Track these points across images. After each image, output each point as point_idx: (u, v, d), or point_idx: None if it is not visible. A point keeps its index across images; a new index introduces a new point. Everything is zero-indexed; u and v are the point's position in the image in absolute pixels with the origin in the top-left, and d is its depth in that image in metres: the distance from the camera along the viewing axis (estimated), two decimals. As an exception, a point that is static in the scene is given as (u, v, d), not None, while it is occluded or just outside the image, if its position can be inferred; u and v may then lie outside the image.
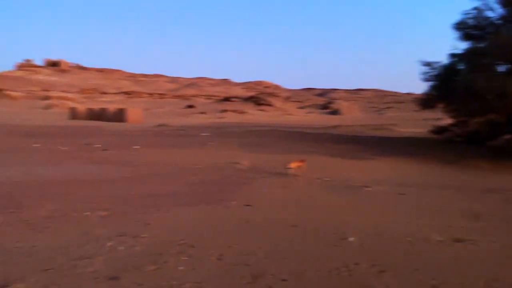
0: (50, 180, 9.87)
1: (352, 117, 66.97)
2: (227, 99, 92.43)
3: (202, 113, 69.55)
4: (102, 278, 4.29)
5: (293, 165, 11.18)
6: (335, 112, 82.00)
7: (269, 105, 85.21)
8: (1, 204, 7.21)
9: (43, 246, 5.20)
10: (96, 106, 62.52)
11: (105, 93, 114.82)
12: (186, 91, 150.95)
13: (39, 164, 12.30)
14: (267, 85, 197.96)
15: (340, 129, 31.90)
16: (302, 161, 11.40)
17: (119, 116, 43.62)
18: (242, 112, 71.24)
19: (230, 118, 58.90)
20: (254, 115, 68.00)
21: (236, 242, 5.57)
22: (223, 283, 4.28)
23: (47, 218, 6.52)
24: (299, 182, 10.47)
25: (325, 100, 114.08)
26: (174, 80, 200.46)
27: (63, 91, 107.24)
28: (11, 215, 6.54)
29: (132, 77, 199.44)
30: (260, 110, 79.02)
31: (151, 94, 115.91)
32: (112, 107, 49.80)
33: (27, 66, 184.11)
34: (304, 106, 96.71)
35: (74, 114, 48.35)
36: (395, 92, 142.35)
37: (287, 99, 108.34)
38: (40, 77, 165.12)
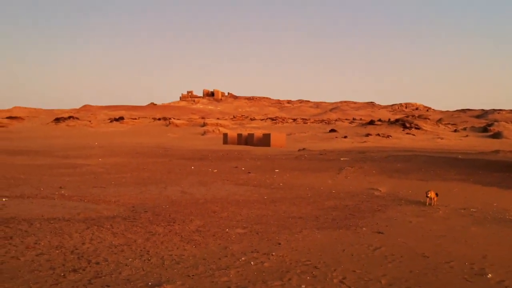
0: (200, 199, 11.19)
1: (517, 141, 58.57)
2: (371, 122, 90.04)
3: (344, 137, 69.14)
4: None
5: (432, 193, 10.53)
6: (496, 136, 72.89)
7: (418, 128, 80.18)
8: (160, 218, 8.53)
9: (189, 256, 6.05)
10: (245, 131, 67.46)
11: (253, 119, 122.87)
12: (329, 116, 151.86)
13: (192, 185, 13.99)
14: (417, 107, 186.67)
15: (501, 155, 28.33)
16: (434, 192, 10.68)
17: (264, 140, 46.26)
18: (387, 136, 68.57)
19: (373, 142, 57.21)
20: (400, 139, 64.72)
21: (361, 268, 5.61)
22: (341, 305, 4.41)
23: (194, 232, 7.50)
24: (438, 211, 9.79)
25: (485, 122, 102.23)
26: (317, 105, 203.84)
27: (217, 118, 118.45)
28: (166, 228, 7.72)
29: (278, 103, 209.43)
30: (408, 133, 74.85)
31: (295, 119, 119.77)
32: (258, 133, 53.11)
33: (189, 97, 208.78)
34: (458, 129, 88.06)
35: (226, 139, 52.99)
36: None
37: (439, 121, 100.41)
38: (199, 106, 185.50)
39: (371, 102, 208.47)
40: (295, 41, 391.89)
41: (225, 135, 55.40)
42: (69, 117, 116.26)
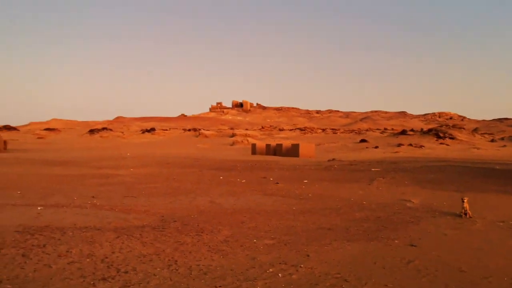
0: (229, 209, 11.17)
1: (560, 151, 55.89)
2: (403, 132, 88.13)
3: (375, 147, 67.91)
4: (260, 299, 4.77)
5: (467, 205, 10.11)
6: (537, 145, 69.78)
7: (452, 138, 77.83)
8: (189, 228, 8.55)
9: (216, 266, 6.01)
10: (273, 142, 67.36)
11: (282, 129, 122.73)
12: (359, 125, 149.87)
13: (221, 195, 14.01)
14: (451, 116, 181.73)
15: (541, 164, 27.07)
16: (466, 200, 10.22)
17: (293, 151, 46.00)
18: (419, 146, 66.87)
19: (406, 152, 55.87)
20: (433, 149, 62.99)
21: (393, 282, 5.42)
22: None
23: (223, 242, 7.46)
24: (475, 224, 9.38)
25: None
26: (347, 114, 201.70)
27: (246, 129, 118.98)
28: (195, 238, 7.72)
29: (307, 113, 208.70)
30: (441, 143, 72.76)
31: (324, 129, 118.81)
32: (287, 143, 52.92)
33: (218, 108, 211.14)
34: (495, 139, 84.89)
35: (254, 150, 53.06)
36: None
37: (474, 131, 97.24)
38: (228, 117, 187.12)
39: (403, 111, 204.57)
40: (324, 52, 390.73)
41: (254, 145, 55.48)
42: (103, 129, 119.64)
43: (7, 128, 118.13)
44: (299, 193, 14.60)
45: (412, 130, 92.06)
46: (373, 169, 23.68)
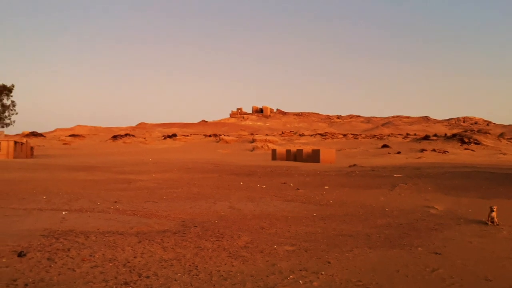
0: (248, 215, 11.17)
1: None
2: (426, 137, 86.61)
3: (397, 153, 66.93)
4: (280, 306, 4.74)
5: (495, 213, 9.84)
6: None
7: (478, 143, 76.04)
8: (209, 233, 8.58)
9: (236, 272, 6.01)
10: (293, 147, 67.18)
11: (302, 135, 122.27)
12: (381, 131, 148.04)
13: (241, 200, 14.03)
14: (476, 121, 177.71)
15: None
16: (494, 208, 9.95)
17: (313, 156, 45.75)
18: (443, 152, 65.56)
19: (429, 158, 54.87)
20: (457, 155, 61.66)
21: (416, 291, 5.31)
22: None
23: (243, 248, 7.46)
24: (502, 232, 9.11)
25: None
26: (368, 120, 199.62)
27: (266, 134, 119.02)
28: (215, 243, 7.74)
29: (328, 119, 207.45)
30: (466, 149, 71.16)
31: (345, 135, 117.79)
32: (307, 148, 52.67)
33: (238, 113, 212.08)
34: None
35: (275, 155, 52.99)
36: None
37: (500, 136, 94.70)
38: (248, 122, 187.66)
39: (426, 116, 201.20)
40: (345, 57, 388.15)
41: (274, 151, 55.43)
42: (126, 135, 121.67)
43: (34, 134, 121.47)
44: (319, 199, 14.49)
45: (435, 135, 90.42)
46: (395, 175, 23.31)
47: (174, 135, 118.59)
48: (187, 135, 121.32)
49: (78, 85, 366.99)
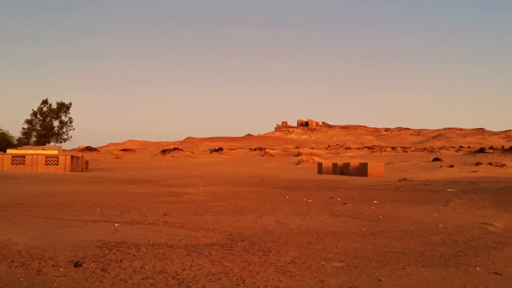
0: (295, 229, 11.05)
1: None
2: (481, 150, 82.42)
3: (450, 166, 64.10)
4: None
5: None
6: None
7: (538, 156, 71.34)
8: (256, 248, 8.57)
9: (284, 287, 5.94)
10: (340, 161, 66.08)
11: (349, 148, 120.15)
12: (432, 143, 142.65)
13: (287, 214, 13.93)
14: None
15: None
16: None
17: (361, 170, 44.76)
18: (500, 165, 62.04)
19: (485, 172, 52.09)
20: (516, 168, 58.07)
21: (476, 314, 4.99)
22: None
23: (290, 263, 7.37)
24: None
25: None
26: (418, 132, 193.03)
27: (312, 148, 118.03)
28: (262, 258, 7.71)
29: (375, 131, 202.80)
30: (526, 162, 66.94)
31: (394, 148, 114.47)
32: (354, 162, 51.63)
33: (283, 127, 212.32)
34: None
35: (321, 169, 52.36)
36: None
37: None
38: (294, 136, 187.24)
39: (481, 128, 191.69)
40: (392, 67, 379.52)
41: (320, 164, 54.82)
42: (174, 149, 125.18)
43: (89, 149, 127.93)
44: (368, 214, 14.10)
45: (491, 147, 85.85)
46: (448, 190, 22.28)
47: (220, 149, 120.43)
48: (233, 149, 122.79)
49: (129, 100, 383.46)
